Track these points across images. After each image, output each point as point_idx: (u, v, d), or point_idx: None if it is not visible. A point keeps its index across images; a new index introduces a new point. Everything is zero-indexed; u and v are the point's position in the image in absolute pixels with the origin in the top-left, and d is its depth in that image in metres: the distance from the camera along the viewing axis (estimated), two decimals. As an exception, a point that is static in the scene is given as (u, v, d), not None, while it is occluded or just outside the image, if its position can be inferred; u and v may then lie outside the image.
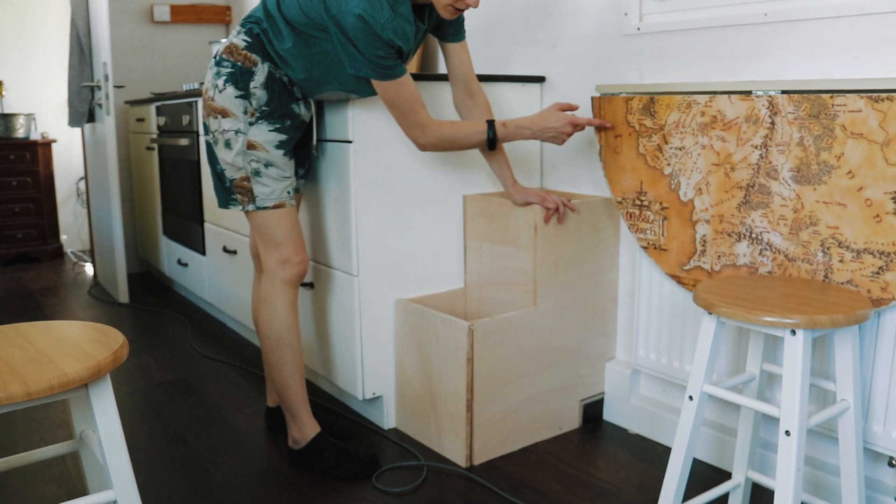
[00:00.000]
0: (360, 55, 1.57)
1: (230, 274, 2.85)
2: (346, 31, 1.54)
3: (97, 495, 1.08)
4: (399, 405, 2.06)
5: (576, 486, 1.75)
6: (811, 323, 1.19)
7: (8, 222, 4.53)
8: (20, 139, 4.49)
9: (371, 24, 1.51)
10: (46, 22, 4.76)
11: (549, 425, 2.01)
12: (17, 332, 1.17)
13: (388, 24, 1.53)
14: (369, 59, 1.57)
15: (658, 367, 1.91)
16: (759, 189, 1.57)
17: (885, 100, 1.34)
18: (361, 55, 1.57)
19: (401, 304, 1.99)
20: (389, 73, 1.60)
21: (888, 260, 1.38)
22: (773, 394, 1.66)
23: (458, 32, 1.82)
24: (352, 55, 1.59)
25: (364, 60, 1.57)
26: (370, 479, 1.80)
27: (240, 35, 1.71)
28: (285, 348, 1.79)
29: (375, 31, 1.53)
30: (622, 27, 1.99)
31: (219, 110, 1.70)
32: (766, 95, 1.52)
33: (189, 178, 3.22)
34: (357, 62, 1.59)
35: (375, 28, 1.52)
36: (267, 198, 1.74)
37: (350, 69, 1.62)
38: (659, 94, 1.75)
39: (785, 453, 1.22)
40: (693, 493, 1.71)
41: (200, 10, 4.38)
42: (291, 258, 1.77)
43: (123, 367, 2.64)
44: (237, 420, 2.16)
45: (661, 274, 1.86)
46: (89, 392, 1.07)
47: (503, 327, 1.84)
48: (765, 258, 1.58)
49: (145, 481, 1.80)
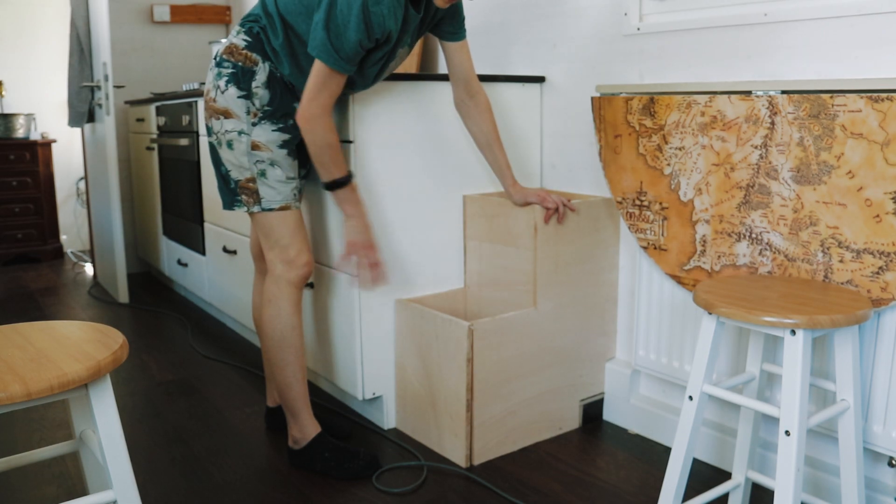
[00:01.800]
0: (325, 35, 1.54)
1: (230, 274, 2.85)
2: (333, 6, 1.51)
3: (97, 495, 1.08)
4: (399, 405, 2.06)
5: (576, 486, 1.75)
6: (811, 323, 1.19)
7: (8, 222, 4.53)
8: (20, 139, 4.49)
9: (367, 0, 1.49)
10: (46, 22, 4.76)
11: (549, 425, 2.01)
12: (17, 332, 1.17)
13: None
14: (332, 43, 1.54)
15: (658, 367, 1.91)
16: (759, 189, 1.57)
17: (885, 100, 1.34)
18: (327, 37, 1.54)
19: (401, 304, 1.99)
20: (339, 66, 1.57)
21: (888, 260, 1.38)
22: (773, 394, 1.66)
23: (459, 31, 1.82)
24: (316, 33, 1.55)
25: (325, 42, 1.54)
26: (370, 479, 1.80)
27: (240, 35, 1.71)
28: (288, 349, 1.79)
29: (367, 9, 1.50)
30: (622, 27, 1.99)
31: (221, 111, 1.70)
32: (766, 95, 1.52)
33: (189, 178, 3.22)
34: (317, 43, 1.56)
35: (369, 3, 1.49)
36: (273, 199, 1.74)
37: (309, 47, 1.58)
38: (659, 94, 1.75)
39: (785, 453, 1.22)
40: (693, 493, 1.71)
41: (200, 10, 4.38)
42: (296, 259, 1.77)
43: (123, 367, 2.64)
44: (237, 420, 2.16)
45: (661, 274, 1.86)
46: (89, 392, 1.07)
47: (503, 327, 1.84)
48: (765, 258, 1.58)
49: (145, 481, 1.80)
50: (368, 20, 1.52)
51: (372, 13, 1.51)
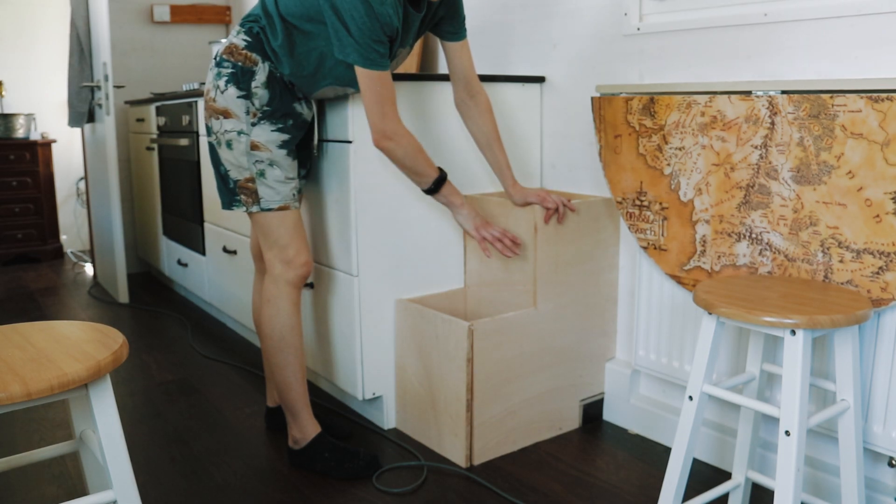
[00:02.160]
0: (350, 38, 1.54)
1: (230, 274, 2.85)
2: (342, 11, 1.53)
3: (97, 495, 1.08)
4: (399, 405, 2.06)
5: (576, 486, 1.75)
6: (811, 323, 1.19)
7: (8, 222, 4.53)
8: (20, 139, 4.49)
9: (371, 1, 1.51)
10: (46, 22, 4.76)
11: (549, 425, 2.01)
12: (17, 332, 1.17)
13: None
14: (360, 43, 1.55)
15: (658, 367, 1.91)
16: (759, 189, 1.57)
17: (885, 100, 1.34)
18: (352, 38, 1.54)
19: (401, 304, 1.99)
20: (376, 62, 1.58)
21: (888, 260, 1.38)
22: (773, 394, 1.66)
23: (459, 31, 1.82)
24: (342, 38, 1.56)
25: (354, 44, 1.55)
26: (370, 479, 1.80)
27: (239, 35, 1.71)
28: (288, 349, 1.79)
29: (373, 9, 1.52)
30: (622, 27, 1.99)
31: (220, 111, 1.70)
32: (766, 95, 1.52)
33: (189, 178, 3.22)
34: (346, 46, 1.56)
35: (374, 4, 1.51)
36: (272, 200, 1.74)
37: (338, 54, 1.59)
38: (659, 94, 1.75)
39: (785, 453, 1.22)
40: (693, 493, 1.71)
41: (200, 10, 4.38)
42: (295, 259, 1.77)
43: (123, 367, 2.64)
44: (237, 420, 2.16)
45: (661, 274, 1.86)
46: (89, 392, 1.07)
47: (503, 327, 1.84)
48: (765, 258, 1.58)
49: (145, 481, 1.80)
50: (378, 20, 1.54)
51: (379, 14, 1.53)
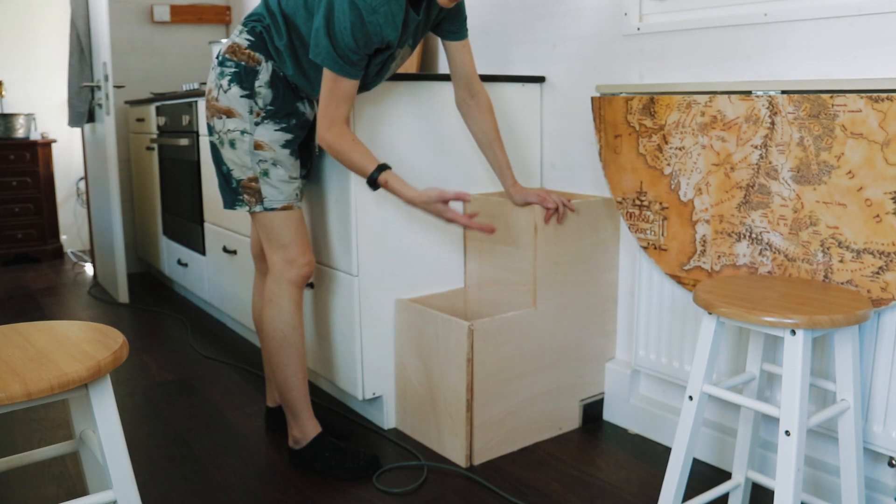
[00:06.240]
0: (327, 40, 1.53)
1: (230, 274, 2.85)
2: (331, 12, 1.51)
3: (97, 495, 1.08)
4: (399, 405, 2.06)
5: (576, 486, 1.75)
6: (811, 323, 1.19)
7: (8, 222, 4.53)
8: (20, 139, 4.49)
9: (361, 8, 1.49)
10: (46, 22, 4.76)
11: (549, 425, 2.01)
12: (17, 332, 1.17)
13: (379, 7, 1.50)
14: (335, 48, 1.53)
15: (658, 367, 1.91)
16: (759, 189, 1.57)
17: (885, 100, 1.34)
18: (330, 41, 1.53)
19: (401, 304, 1.99)
20: (345, 69, 1.57)
21: (888, 260, 1.38)
22: (773, 394, 1.66)
23: (460, 31, 1.82)
24: (319, 39, 1.55)
25: (329, 48, 1.54)
26: (370, 479, 1.80)
27: (242, 34, 1.71)
28: (290, 349, 1.79)
29: (363, 19, 1.50)
30: (622, 27, 1.99)
31: (223, 110, 1.70)
32: (766, 95, 1.52)
33: (189, 178, 3.22)
34: (320, 48, 1.55)
35: (364, 13, 1.49)
36: (275, 199, 1.74)
37: (311, 54, 1.58)
38: (659, 94, 1.75)
39: (785, 453, 1.22)
40: (693, 493, 1.71)
41: (200, 10, 4.38)
42: (298, 259, 1.78)
43: (123, 367, 2.64)
44: (237, 420, 2.16)
45: (661, 274, 1.86)
46: (89, 392, 1.07)
47: (503, 327, 1.84)
48: (765, 258, 1.58)
49: (145, 481, 1.80)
50: (366, 30, 1.52)
51: (368, 23, 1.51)
